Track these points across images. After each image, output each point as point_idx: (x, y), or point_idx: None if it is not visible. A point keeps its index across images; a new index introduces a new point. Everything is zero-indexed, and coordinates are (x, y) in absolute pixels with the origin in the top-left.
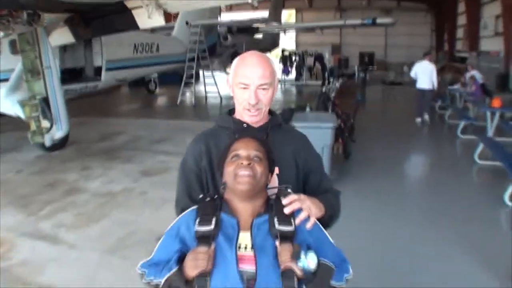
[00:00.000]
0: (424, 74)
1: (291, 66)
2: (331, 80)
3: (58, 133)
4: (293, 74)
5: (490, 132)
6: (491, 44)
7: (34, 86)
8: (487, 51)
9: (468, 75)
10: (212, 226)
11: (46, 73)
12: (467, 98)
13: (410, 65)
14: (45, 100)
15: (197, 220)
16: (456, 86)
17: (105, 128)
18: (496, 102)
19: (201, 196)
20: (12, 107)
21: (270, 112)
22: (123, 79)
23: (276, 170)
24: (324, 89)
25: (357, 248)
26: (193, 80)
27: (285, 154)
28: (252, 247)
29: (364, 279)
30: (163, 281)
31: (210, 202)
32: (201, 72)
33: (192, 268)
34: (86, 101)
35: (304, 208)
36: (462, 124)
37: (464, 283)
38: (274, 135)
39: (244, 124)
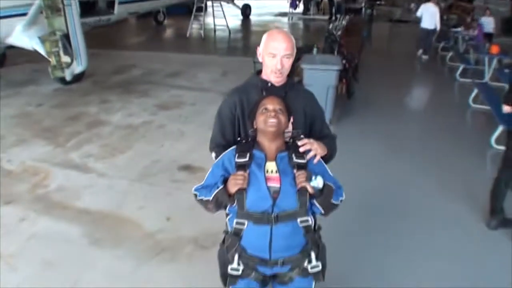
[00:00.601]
0: (428, 15)
1: (299, 0)
2: (338, 16)
3: (78, 68)
4: (300, 8)
5: (487, 77)
6: None
7: (54, 22)
8: None
9: (482, 19)
10: (247, 158)
11: (67, 10)
12: (468, 42)
13: (418, 2)
14: (66, 36)
15: (236, 155)
16: (460, 29)
17: (118, 60)
18: (495, 49)
19: (239, 139)
20: (29, 42)
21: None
22: (135, 12)
23: (291, 119)
24: (331, 26)
25: (357, 185)
26: (203, 13)
27: (297, 107)
28: (277, 171)
29: (362, 217)
30: (212, 196)
31: (245, 143)
32: (209, 3)
33: (233, 186)
34: (95, 33)
35: (312, 149)
36: (461, 67)
37: (449, 219)
38: (290, 93)
39: (269, 83)
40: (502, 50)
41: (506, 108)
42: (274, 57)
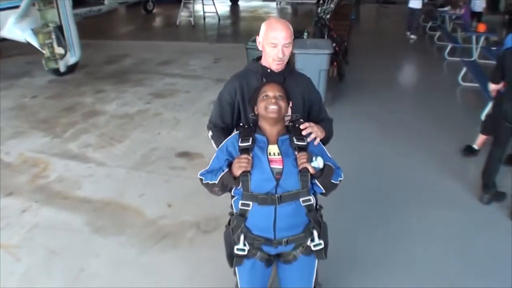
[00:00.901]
0: None
1: None
2: None
3: (72, 59)
4: None
5: (475, 55)
6: None
7: (47, 14)
8: None
9: (474, 0)
10: (250, 142)
11: (59, 1)
12: (456, 21)
13: None
14: (59, 28)
15: (240, 140)
16: (446, 8)
17: (110, 50)
18: (481, 27)
19: (241, 124)
20: (22, 34)
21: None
22: (126, 1)
23: (290, 104)
24: (319, 10)
25: (351, 165)
26: (192, 0)
27: (296, 92)
28: (279, 154)
29: (356, 197)
30: (218, 179)
31: (248, 128)
32: None
33: (237, 168)
34: (86, 23)
35: (313, 132)
36: (449, 46)
37: (443, 196)
38: (289, 78)
39: (268, 70)
40: (489, 28)
41: (492, 87)
42: (275, 46)
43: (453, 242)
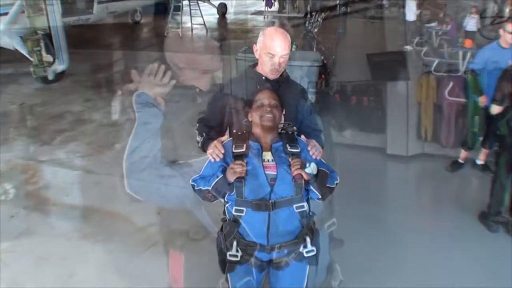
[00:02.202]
0: (409, 9)
1: None
2: (314, 14)
3: (60, 67)
4: (276, 6)
5: (462, 71)
6: None
7: (36, 22)
8: None
9: (467, 18)
10: (244, 149)
11: (49, 9)
12: (442, 37)
13: None
14: (48, 36)
15: (234, 146)
16: (433, 24)
17: (97, 60)
18: (468, 43)
19: (235, 130)
20: (10, 41)
21: None
22: (114, 11)
23: (283, 111)
24: (307, 24)
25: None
26: (180, 12)
27: (289, 100)
28: (273, 160)
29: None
30: (212, 185)
31: (241, 134)
32: (185, 2)
33: (232, 174)
34: (73, 32)
35: (317, 151)
36: (436, 61)
37: (426, 200)
38: (283, 86)
39: (263, 77)
40: (476, 43)
41: (496, 109)
42: (272, 57)
43: (450, 246)
